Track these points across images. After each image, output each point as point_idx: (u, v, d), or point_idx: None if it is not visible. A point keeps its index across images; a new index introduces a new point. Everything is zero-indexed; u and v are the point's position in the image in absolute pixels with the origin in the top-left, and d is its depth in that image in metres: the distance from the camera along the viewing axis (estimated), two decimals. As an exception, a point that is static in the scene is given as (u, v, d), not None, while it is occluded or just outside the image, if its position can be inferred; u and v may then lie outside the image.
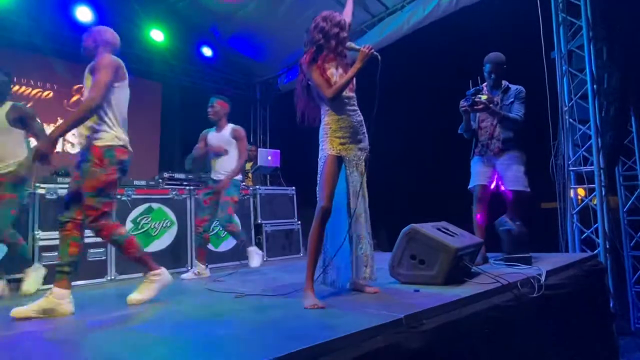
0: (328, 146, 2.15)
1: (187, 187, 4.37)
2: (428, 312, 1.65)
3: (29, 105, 4.65)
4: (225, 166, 3.62)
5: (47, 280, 3.03)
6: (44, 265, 3.29)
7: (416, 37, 5.06)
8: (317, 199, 2.12)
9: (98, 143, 2.25)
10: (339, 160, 2.15)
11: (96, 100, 2.20)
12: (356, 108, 2.27)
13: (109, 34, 2.59)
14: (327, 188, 2.08)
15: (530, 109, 3.40)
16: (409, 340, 1.47)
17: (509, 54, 4.40)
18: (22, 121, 3.04)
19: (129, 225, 3.85)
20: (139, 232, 3.90)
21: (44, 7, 5.34)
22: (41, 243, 3.42)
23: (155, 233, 4.01)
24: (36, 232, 3.43)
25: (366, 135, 2.28)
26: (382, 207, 5.47)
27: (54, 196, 3.55)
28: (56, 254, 3.33)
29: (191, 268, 4.16)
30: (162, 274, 2.42)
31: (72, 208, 2.25)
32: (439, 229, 2.43)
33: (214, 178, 3.65)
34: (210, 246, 4.38)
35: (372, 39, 5.44)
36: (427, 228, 2.39)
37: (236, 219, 4.15)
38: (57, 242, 3.22)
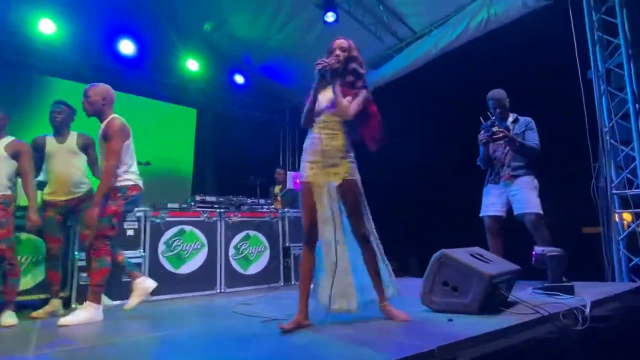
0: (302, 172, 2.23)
1: (218, 210, 4.46)
2: (463, 344, 1.58)
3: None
4: None
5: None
6: (81, 284, 3.44)
7: (445, 60, 5.05)
8: None
9: (114, 183, 2.81)
10: (311, 187, 2.17)
11: (115, 166, 2.78)
12: (332, 132, 2.21)
13: (112, 92, 3.00)
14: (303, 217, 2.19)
15: (568, 130, 3.32)
16: (442, 373, 1.40)
17: (542, 75, 4.31)
18: (86, 149, 3.35)
19: (161, 247, 3.95)
20: (171, 254, 3.99)
21: (90, 41, 5.75)
22: (79, 263, 3.56)
23: (187, 255, 4.08)
24: (76, 253, 3.57)
25: (347, 161, 2.20)
26: (412, 233, 5.39)
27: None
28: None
29: (221, 290, 4.21)
30: (99, 310, 2.75)
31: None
32: (472, 255, 2.34)
33: None
34: (239, 269, 4.43)
35: (400, 63, 5.49)
36: (459, 254, 2.31)
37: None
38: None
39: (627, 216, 3.64)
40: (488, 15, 4.46)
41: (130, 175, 2.89)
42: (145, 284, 3.02)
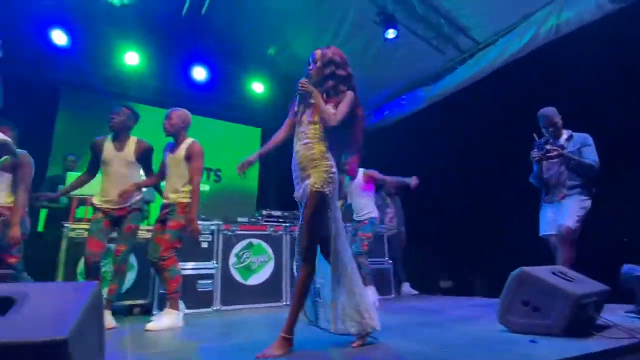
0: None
1: (283, 224, 4.61)
2: (550, 366, 1.49)
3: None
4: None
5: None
6: (162, 292, 3.71)
7: (511, 69, 4.85)
8: None
9: (183, 200, 3.05)
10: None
11: (200, 181, 3.11)
12: (309, 141, 2.13)
13: (190, 116, 3.32)
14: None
15: None
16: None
17: (618, 80, 3.98)
18: (143, 157, 3.30)
19: (232, 259, 4.16)
20: (241, 265, 4.19)
21: (167, 69, 6.32)
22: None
23: (255, 267, 4.26)
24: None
25: (319, 170, 2.07)
26: (475, 251, 5.13)
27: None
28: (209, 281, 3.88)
29: (286, 302, 4.30)
30: (180, 316, 2.96)
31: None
32: (554, 273, 2.21)
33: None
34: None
35: (464, 74, 5.37)
36: (541, 272, 2.18)
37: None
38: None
39: None
40: (558, 21, 4.25)
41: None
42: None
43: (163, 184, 3.27)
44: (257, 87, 6.85)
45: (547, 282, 2.08)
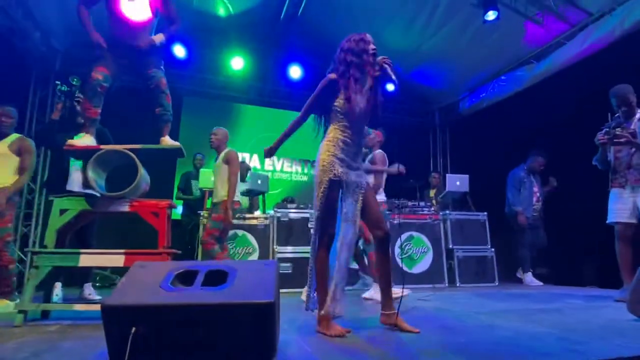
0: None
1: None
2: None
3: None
4: None
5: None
6: (280, 273, 4.20)
7: (632, 41, 4.39)
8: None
9: (224, 198, 3.62)
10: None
11: (236, 182, 3.69)
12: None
13: (227, 133, 3.89)
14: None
15: None
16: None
17: None
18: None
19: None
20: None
21: (266, 70, 6.86)
22: (278, 255, 4.36)
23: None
24: (275, 247, 4.38)
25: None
26: (586, 241, 4.81)
27: (286, 219, 4.50)
28: (288, 264, 4.29)
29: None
30: None
31: None
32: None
33: None
34: (405, 268, 4.71)
35: (571, 51, 4.99)
36: (678, 260, 2.10)
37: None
38: (288, 255, 4.18)
39: None
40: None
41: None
42: None
43: None
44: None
45: (687, 271, 2.00)
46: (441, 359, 1.50)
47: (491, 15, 4.69)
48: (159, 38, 2.70)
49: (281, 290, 3.56)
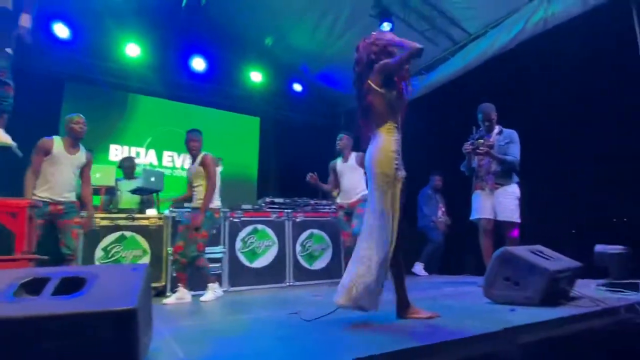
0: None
1: (285, 210, 4.87)
2: (526, 328, 1.77)
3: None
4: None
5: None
6: (174, 276, 3.99)
7: (501, 60, 5.07)
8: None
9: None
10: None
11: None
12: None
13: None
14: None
15: (629, 123, 3.36)
16: (506, 352, 1.62)
17: (600, 71, 4.25)
18: None
19: (238, 244, 4.45)
20: (247, 250, 4.47)
21: (167, 60, 6.43)
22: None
23: (260, 251, 4.54)
24: (168, 249, 4.14)
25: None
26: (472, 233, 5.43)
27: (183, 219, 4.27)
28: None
29: (290, 283, 4.61)
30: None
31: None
32: (533, 252, 2.50)
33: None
34: (305, 264, 4.81)
35: (456, 64, 5.59)
36: (521, 251, 2.47)
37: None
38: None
39: None
40: (546, 14, 4.46)
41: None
42: None
43: None
44: (256, 77, 7.01)
45: (526, 259, 2.37)
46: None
47: (386, 26, 5.02)
48: None
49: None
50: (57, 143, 3.27)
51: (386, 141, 2.15)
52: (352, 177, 4.34)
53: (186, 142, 3.69)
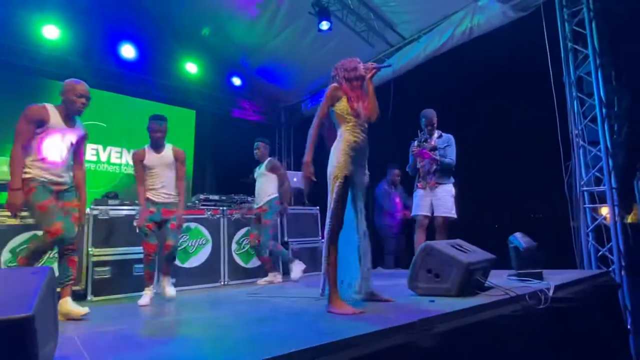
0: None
1: (221, 208, 4.74)
2: (440, 318, 1.90)
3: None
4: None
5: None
6: (96, 278, 3.72)
7: (432, 64, 5.36)
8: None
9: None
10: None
11: None
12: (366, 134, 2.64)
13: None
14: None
15: (543, 132, 3.73)
16: (422, 341, 1.72)
17: (520, 80, 4.66)
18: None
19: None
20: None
21: (93, 46, 5.95)
22: (94, 259, 3.83)
23: (192, 250, 4.38)
24: (90, 249, 3.84)
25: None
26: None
27: (106, 217, 3.98)
28: (106, 268, 3.84)
29: (224, 282, 4.50)
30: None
31: None
32: (452, 246, 2.67)
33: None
34: (241, 262, 4.73)
35: (390, 67, 5.79)
36: (442, 245, 2.64)
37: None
38: (107, 258, 3.75)
39: (605, 210, 3.99)
40: (471, 24, 4.78)
41: None
42: None
43: None
44: (191, 68, 6.72)
45: (445, 253, 2.53)
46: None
47: (325, 25, 5.07)
48: None
49: (99, 298, 3.17)
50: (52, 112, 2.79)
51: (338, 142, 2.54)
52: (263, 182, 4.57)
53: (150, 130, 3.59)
